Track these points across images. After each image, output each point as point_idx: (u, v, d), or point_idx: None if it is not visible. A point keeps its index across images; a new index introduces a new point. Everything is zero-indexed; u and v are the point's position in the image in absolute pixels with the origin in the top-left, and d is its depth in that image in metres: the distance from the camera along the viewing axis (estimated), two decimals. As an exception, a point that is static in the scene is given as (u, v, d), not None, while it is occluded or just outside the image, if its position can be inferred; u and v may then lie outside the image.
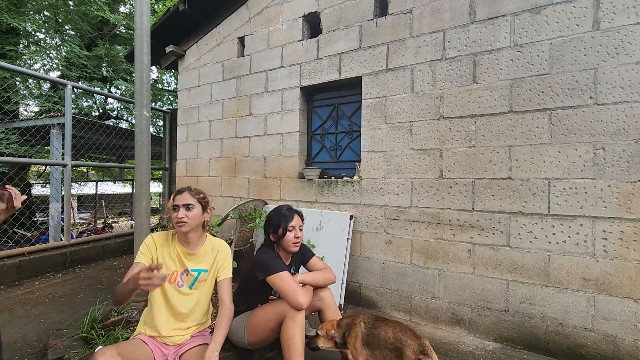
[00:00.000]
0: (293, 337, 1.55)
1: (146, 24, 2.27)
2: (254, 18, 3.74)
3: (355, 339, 1.62)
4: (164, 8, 8.45)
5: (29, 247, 3.62)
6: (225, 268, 1.68)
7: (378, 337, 1.57)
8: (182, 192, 1.59)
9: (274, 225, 1.84)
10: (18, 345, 2.17)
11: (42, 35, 7.55)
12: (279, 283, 1.65)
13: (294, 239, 1.83)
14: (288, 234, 1.82)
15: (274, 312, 1.67)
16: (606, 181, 2.03)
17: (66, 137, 3.78)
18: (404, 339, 1.49)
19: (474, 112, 2.45)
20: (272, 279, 1.67)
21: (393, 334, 1.53)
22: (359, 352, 1.60)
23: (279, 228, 1.82)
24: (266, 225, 1.89)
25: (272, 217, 1.87)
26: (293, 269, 1.95)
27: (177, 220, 1.54)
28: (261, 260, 1.75)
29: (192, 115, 4.30)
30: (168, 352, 1.52)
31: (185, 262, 1.61)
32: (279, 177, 3.48)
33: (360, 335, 1.62)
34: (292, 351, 1.54)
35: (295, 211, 1.90)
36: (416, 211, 2.66)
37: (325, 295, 1.88)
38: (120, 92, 8.55)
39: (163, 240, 1.64)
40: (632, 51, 1.98)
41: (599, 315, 2.04)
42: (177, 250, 1.62)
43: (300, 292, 1.62)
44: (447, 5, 2.57)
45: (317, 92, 3.43)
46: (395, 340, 1.51)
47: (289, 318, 1.59)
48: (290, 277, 1.69)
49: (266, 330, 1.70)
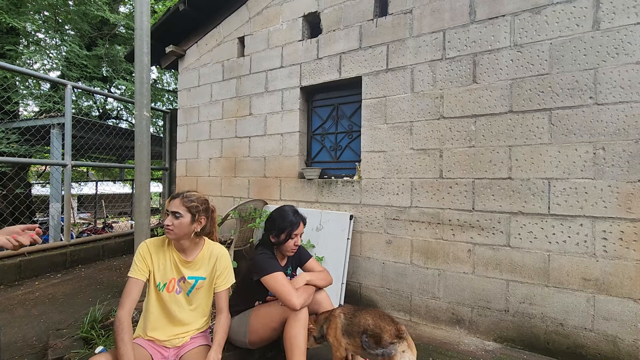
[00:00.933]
0: (296, 336, 1.56)
1: (146, 24, 2.27)
2: (254, 18, 3.74)
3: (335, 330, 1.65)
4: (164, 8, 8.45)
5: (29, 247, 3.62)
6: (223, 278, 1.63)
7: (358, 324, 1.60)
8: (175, 198, 1.55)
9: (278, 228, 1.80)
10: (18, 345, 2.17)
11: (42, 35, 7.55)
12: (272, 284, 1.65)
13: (293, 246, 1.83)
14: (289, 241, 1.81)
15: (277, 312, 1.67)
16: (606, 181, 2.03)
17: (66, 137, 3.78)
18: (382, 324, 1.54)
19: (474, 112, 2.45)
20: (266, 280, 1.67)
21: (372, 321, 1.57)
22: (340, 342, 1.63)
23: (283, 233, 1.80)
24: (269, 225, 1.85)
25: (277, 220, 1.82)
26: (290, 270, 1.94)
27: (165, 227, 1.52)
28: (256, 261, 1.75)
29: (192, 115, 4.30)
30: (168, 355, 1.51)
31: (182, 270, 1.57)
32: (279, 177, 3.48)
33: (340, 326, 1.65)
34: (295, 349, 1.55)
35: (301, 218, 1.87)
36: (416, 211, 2.66)
37: (322, 299, 1.88)
38: (120, 92, 8.55)
39: (158, 246, 1.59)
40: (632, 51, 1.98)
41: (599, 315, 2.04)
42: (174, 257, 1.58)
43: (295, 294, 1.61)
44: (447, 5, 2.57)
45: (317, 92, 3.43)
46: (375, 326, 1.55)
47: (292, 317, 1.59)
48: (285, 278, 1.67)
49: (268, 329, 1.70)
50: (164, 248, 1.59)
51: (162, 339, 1.52)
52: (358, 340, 1.58)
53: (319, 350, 2.16)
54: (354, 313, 1.66)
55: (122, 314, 1.39)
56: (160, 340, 1.52)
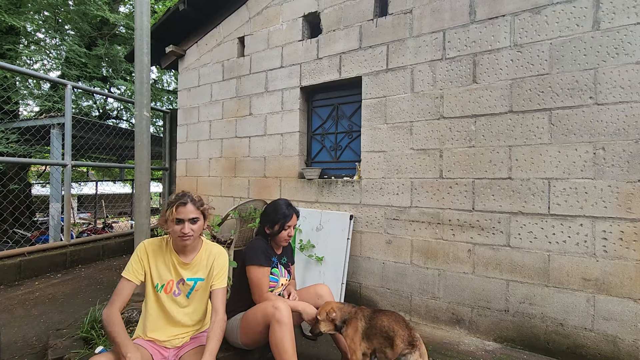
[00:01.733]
0: (281, 341, 1.51)
1: (146, 24, 2.27)
2: (254, 18, 3.74)
3: (355, 332, 1.66)
4: (164, 8, 8.44)
5: (29, 247, 3.62)
6: (220, 277, 1.61)
7: (375, 327, 1.63)
8: (185, 203, 1.48)
9: (271, 221, 1.89)
10: (18, 345, 2.17)
11: (41, 35, 7.55)
12: (253, 275, 1.73)
13: (287, 236, 1.92)
14: (282, 232, 1.89)
15: (261, 315, 1.63)
16: (606, 181, 2.03)
17: (66, 137, 3.78)
18: (396, 328, 1.56)
19: (474, 112, 2.45)
20: (249, 268, 1.75)
21: (388, 323, 1.60)
22: (357, 346, 1.63)
23: (276, 224, 1.88)
24: (264, 217, 1.94)
25: (271, 213, 1.91)
26: (285, 259, 2.02)
27: (181, 235, 1.47)
28: (251, 247, 1.84)
29: (192, 115, 4.30)
30: (168, 355, 1.51)
31: (180, 272, 1.55)
32: (279, 177, 3.48)
33: (360, 330, 1.67)
34: (283, 355, 1.50)
35: (294, 210, 1.95)
36: (416, 211, 2.66)
37: (324, 293, 1.94)
38: (120, 92, 8.55)
39: (156, 247, 1.56)
40: (632, 51, 1.98)
41: (599, 315, 2.04)
42: (172, 258, 1.56)
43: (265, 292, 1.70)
44: (447, 5, 2.57)
45: (317, 92, 3.43)
46: (389, 329, 1.58)
47: (274, 322, 1.54)
48: (266, 276, 1.77)
49: (256, 332, 1.66)
50: (163, 249, 1.57)
51: (162, 339, 1.52)
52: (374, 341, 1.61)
53: (317, 350, 2.17)
54: (371, 315, 1.69)
55: (109, 311, 1.38)
56: (160, 340, 1.52)
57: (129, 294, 1.46)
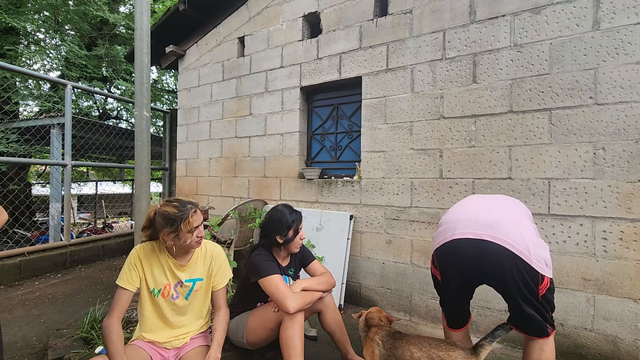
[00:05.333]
0: (292, 337, 1.55)
1: (146, 24, 2.27)
2: (254, 18, 3.74)
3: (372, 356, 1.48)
4: (164, 8, 8.45)
5: (29, 247, 3.62)
6: (220, 276, 1.63)
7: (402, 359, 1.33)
8: (195, 212, 1.48)
9: (285, 227, 1.76)
10: (18, 345, 2.17)
11: (41, 35, 7.55)
12: (268, 286, 1.63)
13: (299, 240, 1.83)
14: (296, 237, 1.80)
15: (273, 313, 1.67)
16: (606, 181, 2.03)
17: (66, 137, 3.78)
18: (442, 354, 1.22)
19: (474, 112, 2.45)
20: (263, 282, 1.65)
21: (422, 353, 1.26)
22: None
23: (290, 229, 1.77)
24: (271, 227, 1.80)
25: (281, 219, 1.78)
26: (292, 270, 1.92)
27: (198, 240, 1.49)
28: (253, 263, 1.74)
29: (192, 115, 4.30)
30: (168, 355, 1.51)
31: (177, 274, 1.53)
32: (279, 177, 3.48)
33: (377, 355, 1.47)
34: (292, 351, 1.54)
35: (298, 211, 1.89)
36: (416, 211, 2.66)
37: (325, 297, 1.88)
38: (120, 92, 8.54)
39: (149, 252, 1.53)
40: (632, 51, 1.98)
41: (599, 315, 2.04)
42: (168, 262, 1.53)
43: (290, 297, 1.58)
44: (447, 5, 2.57)
45: (317, 92, 3.43)
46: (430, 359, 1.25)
47: (287, 319, 1.58)
48: (281, 281, 1.65)
49: (265, 330, 1.69)
50: (156, 253, 1.53)
51: (161, 341, 1.52)
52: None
53: (319, 350, 2.17)
54: (392, 343, 1.43)
55: (109, 321, 1.39)
56: (159, 342, 1.52)
57: (128, 301, 1.45)
